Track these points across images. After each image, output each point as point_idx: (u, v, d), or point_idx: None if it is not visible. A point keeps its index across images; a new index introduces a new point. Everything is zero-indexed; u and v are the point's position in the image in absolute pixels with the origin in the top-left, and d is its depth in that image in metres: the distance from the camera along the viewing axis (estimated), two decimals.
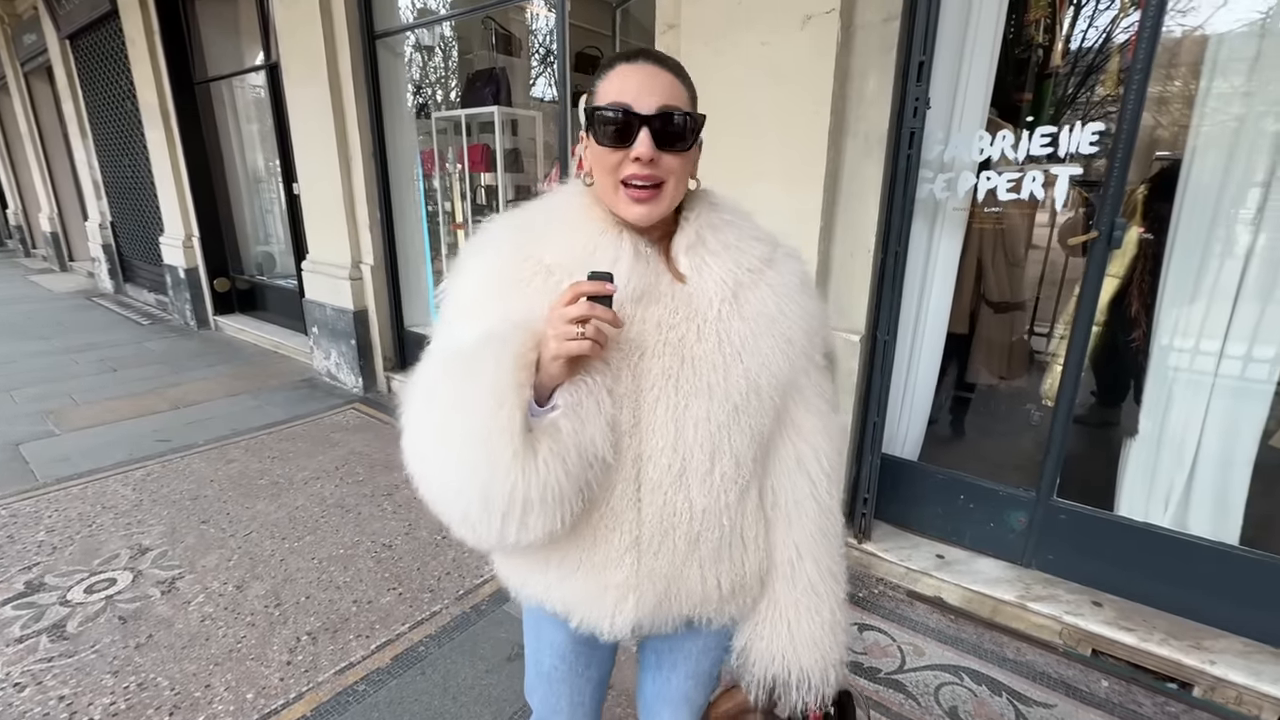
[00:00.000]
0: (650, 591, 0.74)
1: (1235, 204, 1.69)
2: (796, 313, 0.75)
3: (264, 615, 1.99)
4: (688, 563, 0.74)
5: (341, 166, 3.74)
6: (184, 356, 4.90)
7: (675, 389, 0.70)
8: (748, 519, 0.77)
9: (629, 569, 0.73)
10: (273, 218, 5.87)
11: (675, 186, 0.72)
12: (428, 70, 5.95)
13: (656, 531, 0.73)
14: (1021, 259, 2.84)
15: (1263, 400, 1.71)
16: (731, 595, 0.79)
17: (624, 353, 0.70)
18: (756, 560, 0.80)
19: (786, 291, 0.76)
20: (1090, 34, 7.03)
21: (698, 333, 0.72)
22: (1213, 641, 1.73)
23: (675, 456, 0.71)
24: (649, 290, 0.72)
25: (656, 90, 0.68)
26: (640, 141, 0.68)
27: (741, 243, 0.76)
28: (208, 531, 2.45)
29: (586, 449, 0.67)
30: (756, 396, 0.72)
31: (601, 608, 0.75)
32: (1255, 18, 1.68)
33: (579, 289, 0.63)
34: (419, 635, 1.91)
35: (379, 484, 2.85)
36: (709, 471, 0.72)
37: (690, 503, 0.72)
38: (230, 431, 3.42)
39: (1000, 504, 2.07)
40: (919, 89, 1.78)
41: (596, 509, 0.72)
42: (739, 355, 0.72)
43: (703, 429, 0.70)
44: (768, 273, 0.76)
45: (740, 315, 0.73)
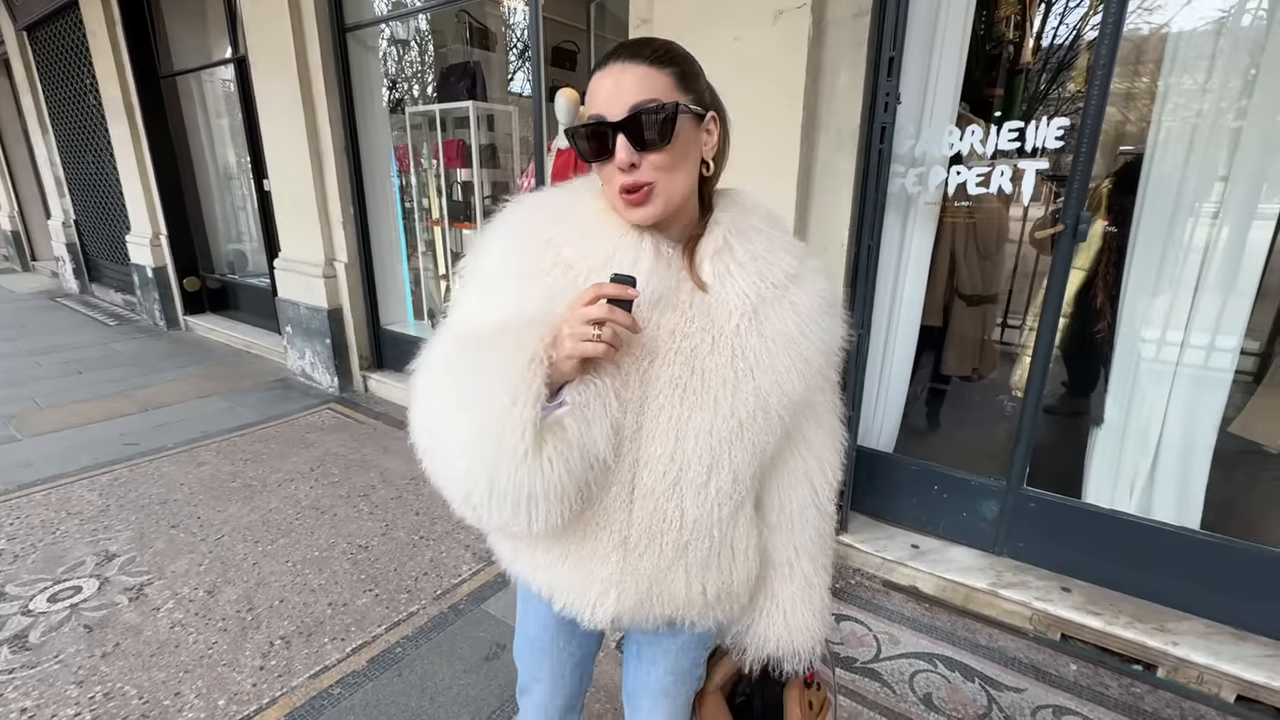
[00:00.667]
0: (633, 589, 0.74)
1: (1195, 198, 1.73)
2: (817, 334, 0.73)
3: (236, 620, 1.95)
4: (674, 567, 0.74)
5: (313, 162, 3.67)
6: (153, 358, 4.79)
7: (680, 399, 0.70)
8: (739, 531, 0.78)
9: (614, 566, 0.74)
10: (244, 215, 5.75)
11: (669, 183, 0.69)
12: (402, 65, 5.86)
13: (645, 534, 0.73)
14: (993, 252, 2.88)
15: (1221, 389, 1.76)
16: (716, 602, 0.79)
17: (634, 357, 0.70)
18: (745, 570, 0.80)
19: (810, 312, 0.73)
20: (1060, 31, 7.16)
21: (712, 344, 0.70)
22: (1176, 623, 1.78)
23: (672, 465, 0.70)
24: (667, 295, 0.71)
25: (626, 89, 0.65)
26: (618, 149, 0.66)
27: (770, 254, 0.73)
28: (177, 536, 2.40)
29: (589, 450, 0.67)
30: (764, 415, 0.71)
31: (584, 598, 0.76)
32: (1215, 16, 1.72)
33: (601, 290, 0.62)
34: (396, 637, 1.89)
35: (355, 484, 2.81)
36: (704, 484, 0.71)
37: (682, 512, 0.72)
38: (201, 434, 3.35)
39: (972, 493, 2.11)
40: (890, 84, 1.80)
41: (590, 506, 0.73)
42: (751, 373, 0.70)
43: (703, 442, 0.70)
44: (792, 290, 0.73)
45: (759, 332, 0.71)
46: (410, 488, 2.79)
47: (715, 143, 0.73)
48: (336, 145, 3.62)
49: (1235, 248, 1.69)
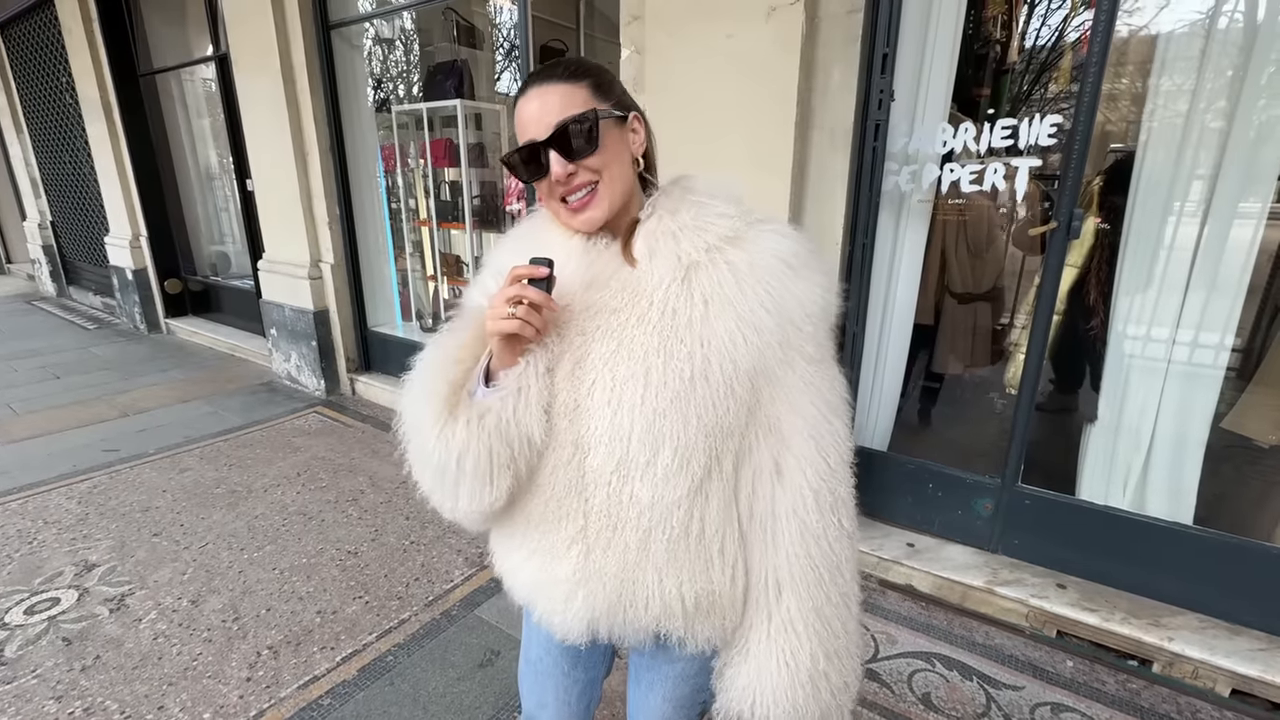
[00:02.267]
0: (601, 590, 0.71)
1: (1184, 197, 1.74)
2: (761, 294, 0.67)
3: (221, 630, 1.90)
4: (641, 564, 0.70)
5: (298, 161, 3.61)
6: (133, 362, 4.69)
7: (611, 374, 0.68)
8: (709, 524, 0.70)
9: (576, 561, 0.71)
10: (227, 215, 5.65)
11: (611, 180, 0.71)
12: (388, 63, 5.79)
13: (604, 525, 0.70)
14: (984, 250, 2.89)
15: (1213, 384, 1.77)
16: (698, 611, 0.72)
17: (568, 337, 0.71)
18: (727, 576, 0.72)
19: (751, 269, 0.68)
20: (1044, 32, 7.25)
21: (639, 316, 0.69)
22: (1170, 619, 1.79)
23: (615, 444, 0.68)
24: (597, 275, 0.73)
25: (549, 108, 0.68)
26: (552, 163, 0.69)
27: (700, 221, 0.70)
28: (160, 544, 2.34)
29: (508, 424, 0.69)
30: (706, 384, 0.66)
31: (552, 600, 0.74)
32: (1198, 18, 1.73)
33: (516, 272, 0.66)
34: (387, 645, 1.85)
35: (343, 489, 2.76)
36: (649, 463, 0.67)
37: (635, 497, 0.68)
38: (184, 439, 3.28)
39: (967, 491, 2.11)
40: (883, 81, 1.79)
41: (542, 494, 0.73)
42: (682, 339, 0.67)
43: (639, 417, 0.66)
44: (729, 251, 0.69)
45: (690, 297, 0.68)
46: (400, 492, 2.74)
47: (642, 139, 0.76)
48: (321, 144, 3.56)
49: (1222, 245, 1.70)
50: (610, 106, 0.71)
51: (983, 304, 2.99)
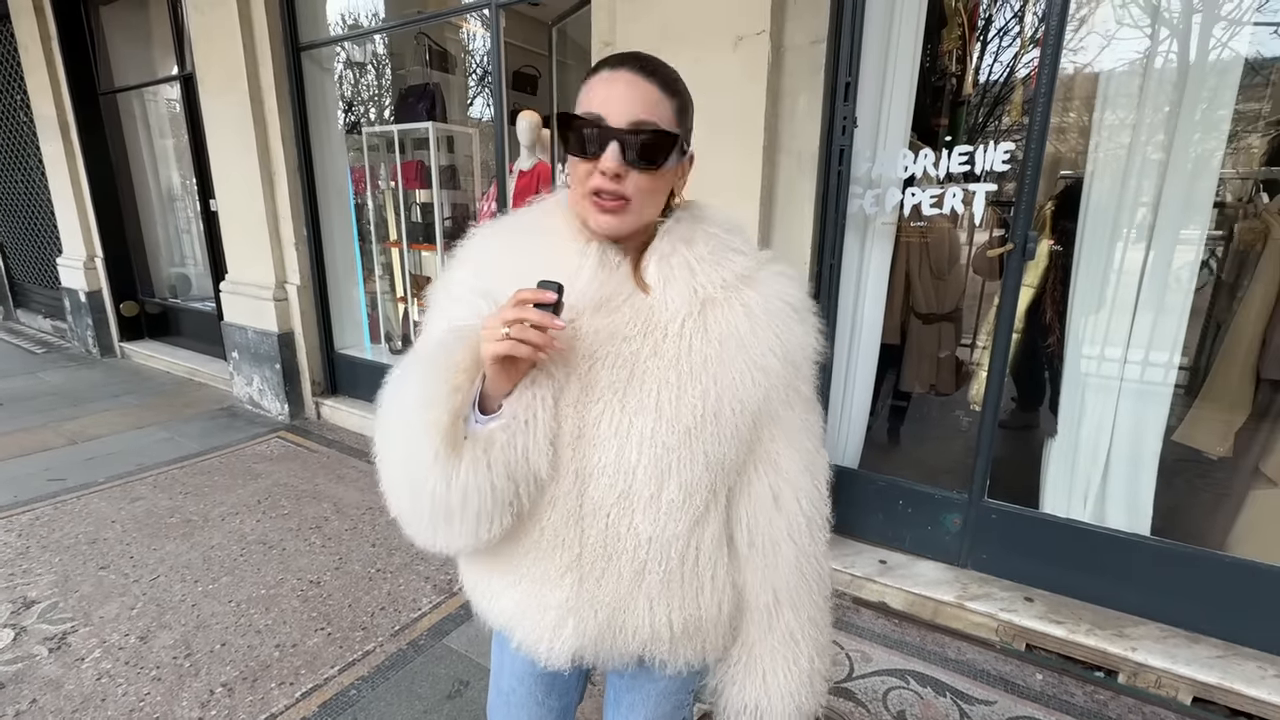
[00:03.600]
0: (592, 619, 0.70)
1: (1129, 223, 1.83)
2: (773, 337, 0.69)
3: (172, 668, 1.80)
4: (633, 593, 0.70)
5: (264, 182, 3.55)
6: (84, 387, 4.49)
7: (620, 404, 0.67)
8: (703, 554, 0.72)
9: (569, 589, 0.70)
10: (189, 237, 5.51)
11: (644, 204, 0.69)
12: (359, 86, 5.79)
13: (599, 555, 0.69)
14: (945, 272, 2.99)
15: (1163, 400, 1.85)
16: (684, 636, 0.73)
17: (574, 362, 0.68)
18: (715, 601, 0.74)
19: (764, 314, 0.70)
20: (996, 68, 7.63)
21: (654, 347, 0.68)
22: (1133, 628, 1.83)
23: (618, 476, 0.67)
24: (609, 299, 0.69)
25: (634, 101, 0.65)
26: (607, 155, 0.65)
27: (718, 256, 0.71)
28: (107, 578, 2.22)
29: (516, 463, 0.65)
30: (715, 422, 0.67)
31: (540, 628, 0.72)
32: (1136, 58, 1.84)
33: (521, 296, 0.62)
34: (350, 678, 1.77)
35: (306, 516, 2.67)
36: (654, 497, 0.67)
37: (635, 529, 0.68)
38: (136, 467, 3.13)
39: (936, 507, 2.14)
40: (846, 108, 1.85)
41: (538, 523, 0.70)
42: (697, 376, 0.67)
43: (647, 449, 0.66)
44: (745, 291, 0.70)
45: (705, 334, 0.68)
46: (366, 518, 2.66)
47: (686, 177, 0.75)
48: (289, 165, 3.51)
49: (1167, 268, 1.79)
50: (683, 135, 0.70)
51: (946, 324, 3.08)
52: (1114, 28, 1.95)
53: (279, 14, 3.34)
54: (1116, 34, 1.94)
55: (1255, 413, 1.84)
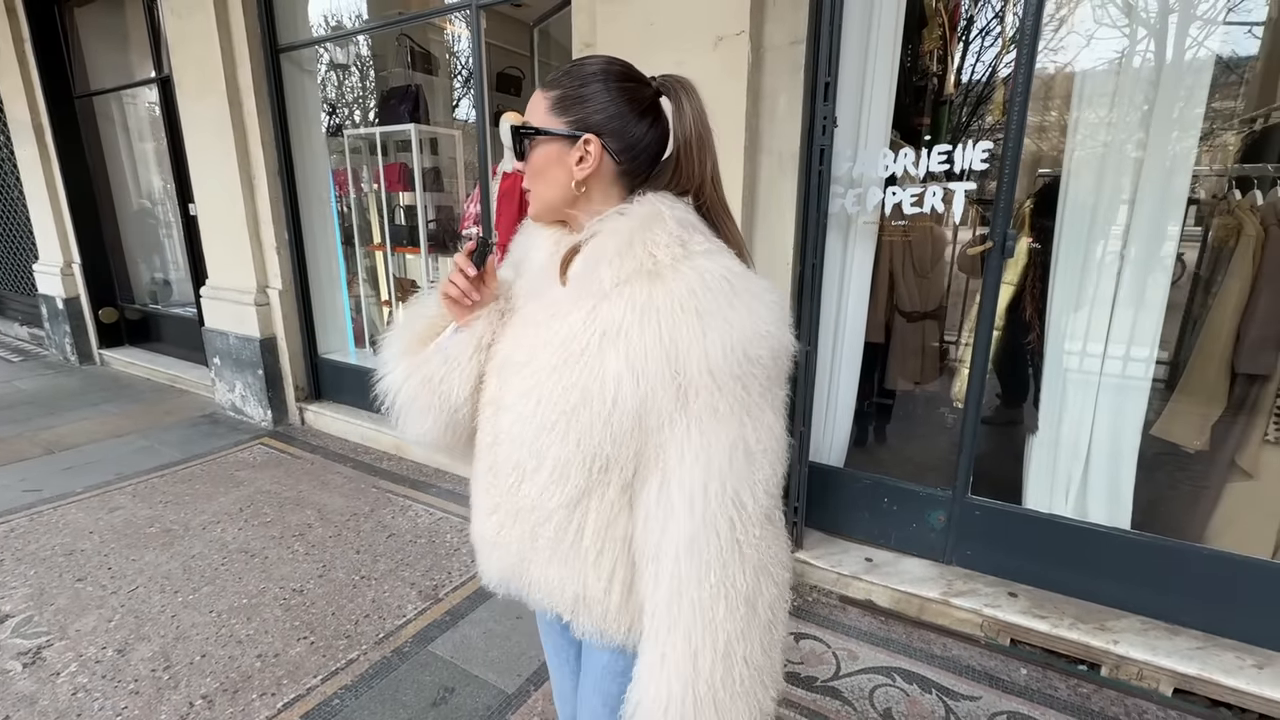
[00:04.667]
0: (507, 558, 0.81)
1: (1106, 220, 1.85)
2: (653, 341, 0.65)
3: (150, 680, 1.77)
4: (531, 551, 0.79)
5: (244, 186, 3.51)
6: (62, 396, 4.41)
7: (520, 380, 0.75)
8: (586, 535, 0.74)
9: (495, 527, 0.82)
10: (170, 242, 5.43)
11: (540, 190, 0.78)
12: (341, 88, 5.73)
13: (508, 509, 0.79)
14: (929, 270, 3.01)
15: (1141, 394, 1.87)
16: (576, 606, 0.78)
17: (506, 334, 0.81)
18: (601, 586, 0.74)
19: (652, 311, 0.66)
20: (979, 67, 7.70)
21: (549, 334, 0.74)
22: (1115, 622, 1.85)
23: (515, 445, 0.76)
24: (537, 287, 0.80)
25: (528, 107, 0.77)
26: None
27: (623, 253, 0.70)
28: (84, 590, 2.18)
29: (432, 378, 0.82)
30: (587, 411, 0.68)
31: (480, 552, 0.87)
32: (1114, 57, 1.86)
33: (468, 248, 0.79)
34: (333, 687, 1.75)
35: (289, 524, 2.63)
36: (535, 470, 0.75)
37: (526, 494, 0.77)
38: (115, 476, 3.08)
39: (921, 504, 2.15)
40: (826, 108, 1.86)
41: (479, 465, 0.84)
42: (573, 363, 0.70)
43: (530, 425, 0.73)
44: (637, 285, 0.68)
45: (591, 326, 0.70)
46: (350, 524, 2.63)
47: (592, 163, 0.73)
48: (270, 168, 3.47)
49: (1143, 264, 1.81)
50: (564, 124, 0.73)
51: (930, 321, 3.10)
52: (1090, 27, 1.97)
53: (257, 16, 3.30)
54: (1093, 33, 1.97)
55: (1230, 406, 1.86)
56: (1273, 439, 1.78)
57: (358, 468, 3.21)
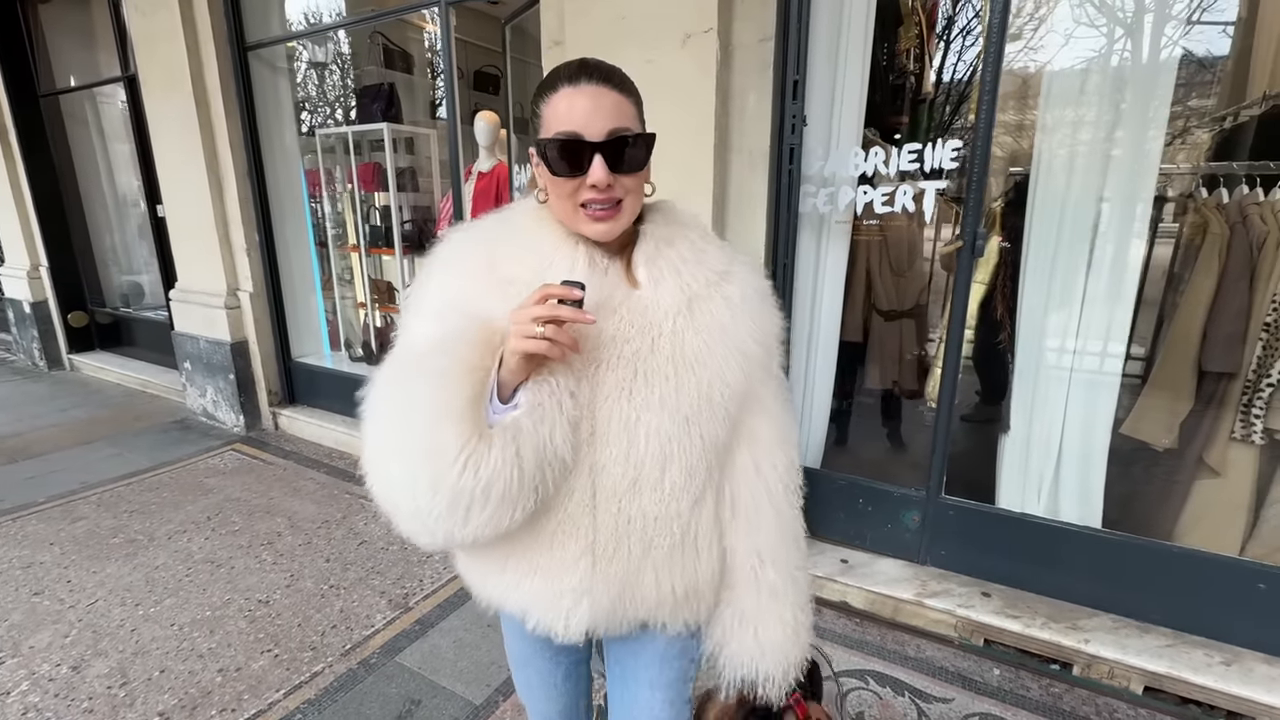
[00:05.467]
0: (604, 595, 0.76)
1: (1074, 218, 1.84)
2: (749, 325, 0.77)
3: (105, 698, 1.71)
4: (641, 568, 0.76)
5: (212, 187, 3.43)
6: (29, 402, 4.30)
7: (629, 401, 0.72)
8: (701, 526, 0.79)
9: (583, 573, 0.75)
10: (143, 244, 5.32)
11: (633, 202, 0.74)
12: (312, 86, 5.64)
13: (610, 539, 0.74)
14: (905, 269, 3.00)
15: (1111, 393, 1.87)
16: (685, 600, 0.80)
17: (582, 364, 0.72)
18: (709, 566, 0.81)
19: (742, 303, 0.77)
20: (960, 67, 7.75)
21: (651, 345, 0.73)
22: (1087, 620, 1.85)
23: (628, 466, 0.72)
24: (605, 302, 0.74)
25: (605, 113, 0.70)
26: (595, 169, 0.69)
27: (698, 256, 0.77)
28: (40, 605, 2.11)
29: (544, 448, 0.68)
30: (709, 407, 0.74)
31: (556, 610, 0.77)
32: (1084, 56, 1.85)
33: (547, 290, 0.65)
34: (295, 702, 1.71)
35: (257, 532, 2.58)
36: (659, 481, 0.73)
37: (643, 511, 0.74)
38: (80, 485, 3.00)
39: (895, 505, 2.14)
40: (795, 106, 1.84)
41: (553, 515, 0.74)
42: (691, 368, 0.73)
43: (654, 440, 0.72)
44: (723, 286, 0.77)
45: (694, 328, 0.74)
46: (321, 532, 2.58)
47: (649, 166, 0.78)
48: (239, 169, 3.40)
49: (1111, 262, 1.81)
50: (645, 130, 0.75)
51: (907, 320, 3.09)
52: (1066, 26, 1.96)
53: (224, 13, 3.23)
54: (1063, 31, 1.96)
55: (1198, 404, 1.87)
56: (1239, 436, 1.79)
57: (331, 473, 3.15)
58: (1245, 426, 1.77)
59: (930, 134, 4.79)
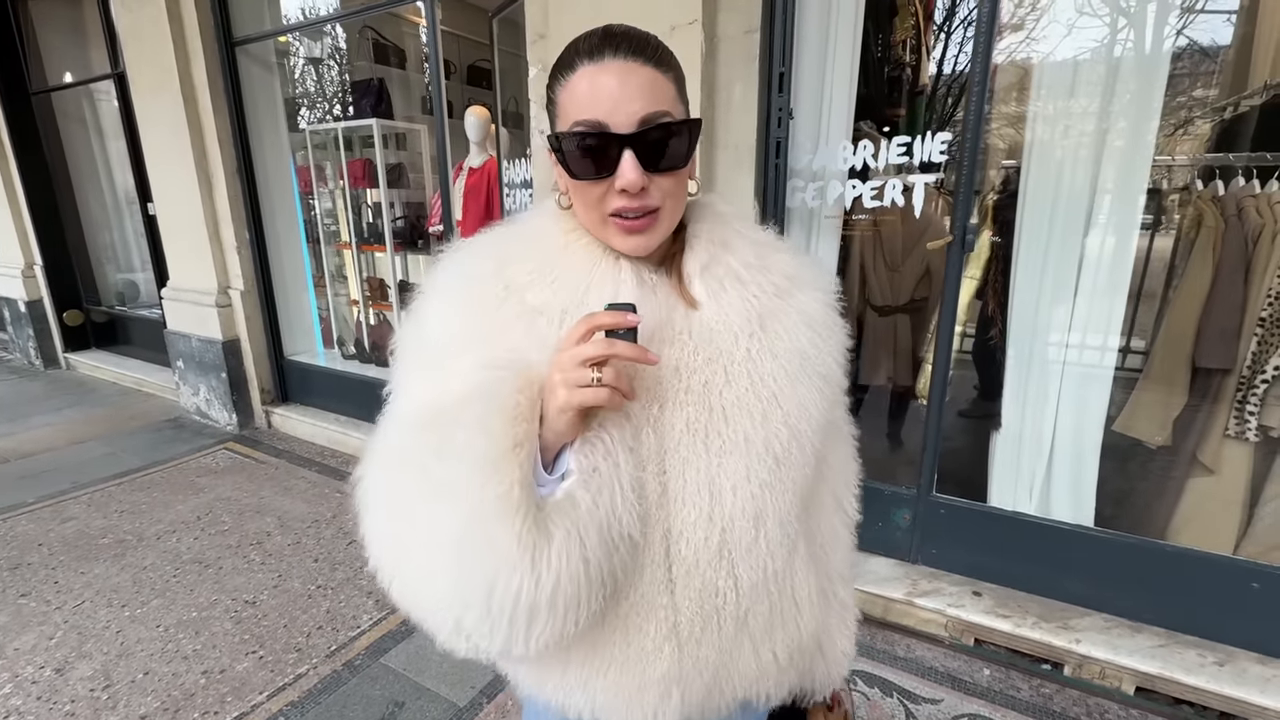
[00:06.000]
0: (698, 682, 0.62)
1: (1066, 211, 1.81)
2: (834, 344, 0.66)
3: (88, 701, 1.71)
4: (738, 643, 0.63)
5: (202, 184, 3.41)
6: (23, 401, 4.30)
7: (705, 446, 0.58)
8: (798, 579, 0.66)
9: (669, 660, 0.60)
10: (137, 242, 5.31)
11: (674, 207, 0.60)
12: (304, 82, 5.60)
13: (697, 616, 0.60)
14: (900, 264, 2.97)
15: (1103, 390, 1.84)
16: (790, 663, 0.68)
17: (640, 405, 0.58)
18: (811, 617, 0.68)
19: (822, 319, 0.64)
20: (961, 58, 7.68)
21: (725, 375, 0.59)
22: (1078, 620, 1.82)
23: (713, 528, 0.58)
24: (660, 327, 0.60)
25: (635, 95, 0.54)
26: (625, 169, 0.55)
27: (761, 260, 0.63)
28: (26, 606, 2.10)
29: (610, 527, 0.54)
30: (798, 445, 0.61)
31: (642, 708, 0.62)
32: (1080, 47, 1.81)
33: (594, 322, 0.51)
34: (278, 704, 1.70)
35: (247, 532, 2.57)
36: (754, 541, 0.60)
37: (736, 579, 0.60)
38: (71, 485, 3.00)
39: (886, 503, 2.12)
40: (781, 100, 1.81)
41: (622, 601, 0.60)
42: (776, 400, 0.60)
43: (743, 492, 0.58)
44: (797, 296, 0.64)
45: (772, 352, 0.61)
46: (310, 531, 2.57)
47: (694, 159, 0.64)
48: (228, 167, 3.38)
49: (1106, 255, 1.78)
50: (687, 114, 0.60)
51: (902, 316, 3.06)
52: (1054, 16, 1.92)
53: (210, 8, 3.20)
54: (1055, 22, 1.92)
55: (1191, 401, 1.83)
56: (1233, 434, 1.76)
57: (323, 471, 3.14)
58: (1239, 423, 1.74)
59: (928, 127, 4.74)
